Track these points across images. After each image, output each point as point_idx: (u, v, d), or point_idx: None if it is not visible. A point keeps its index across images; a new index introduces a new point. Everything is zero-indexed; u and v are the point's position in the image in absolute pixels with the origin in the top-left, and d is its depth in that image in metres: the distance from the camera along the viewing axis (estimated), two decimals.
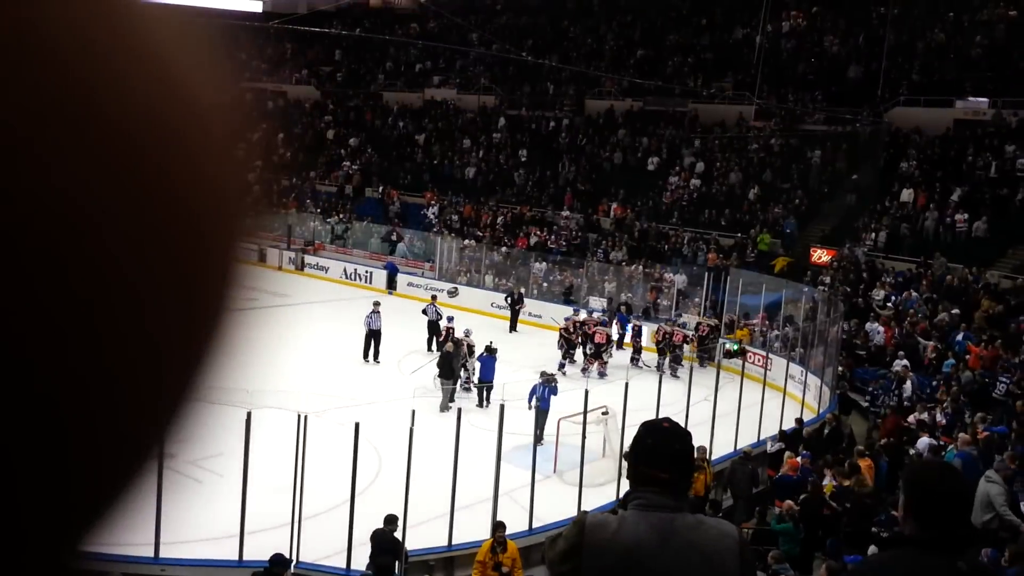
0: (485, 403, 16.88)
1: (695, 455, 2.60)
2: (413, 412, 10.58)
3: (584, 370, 20.85)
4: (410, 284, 29.72)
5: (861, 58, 31.52)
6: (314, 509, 10.68)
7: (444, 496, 11.00)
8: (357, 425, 10.04)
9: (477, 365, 18.31)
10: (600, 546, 2.41)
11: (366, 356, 20.74)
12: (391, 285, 29.96)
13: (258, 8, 44.95)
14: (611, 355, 21.42)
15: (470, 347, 18.99)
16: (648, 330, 22.73)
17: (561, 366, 20.70)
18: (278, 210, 36.66)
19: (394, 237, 32.96)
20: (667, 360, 20.93)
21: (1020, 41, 28.45)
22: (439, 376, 17.92)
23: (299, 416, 10.01)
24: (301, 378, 18.23)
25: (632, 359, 21.65)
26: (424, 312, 22.51)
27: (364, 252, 33.05)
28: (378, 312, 20.86)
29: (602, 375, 20.58)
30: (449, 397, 17.08)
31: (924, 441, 13.06)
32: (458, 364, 18.13)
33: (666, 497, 2.43)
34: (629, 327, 22.91)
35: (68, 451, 0.38)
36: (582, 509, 12.30)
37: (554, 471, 13.86)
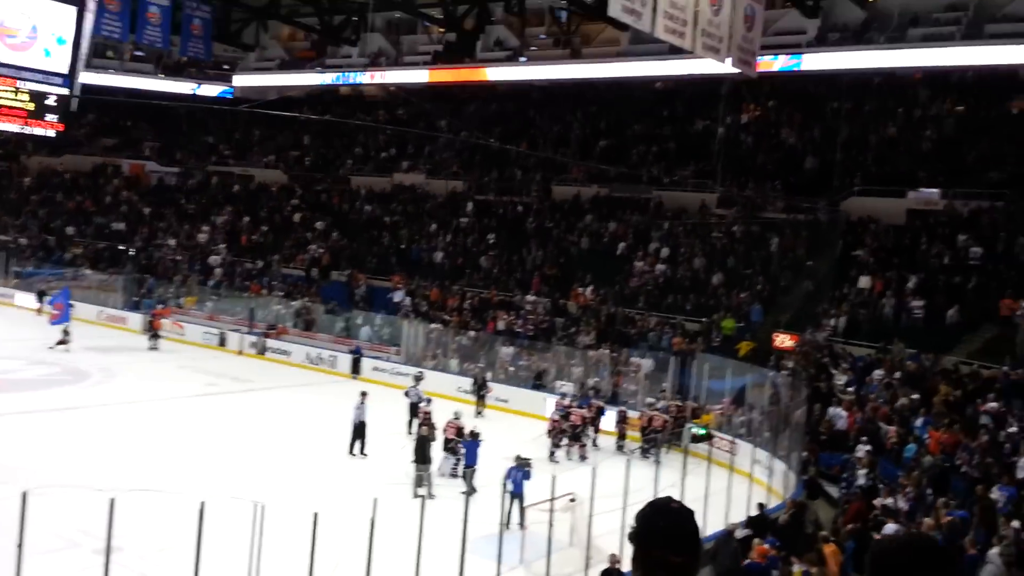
0: (471, 489, 16.41)
1: None
2: (375, 500, 10.32)
3: (562, 451, 20.97)
4: (375, 368, 29.45)
5: (817, 150, 32.48)
6: None
7: None
8: (316, 516, 9.74)
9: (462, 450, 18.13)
10: None
11: (352, 450, 19.81)
12: (356, 370, 29.67)
13: (228, 93, 45.55)
14: (589, 436, 21.50)
15: (459, 429, 18.80)
16: (623, 415, 22.80)
17: (551, 455, 20.65)
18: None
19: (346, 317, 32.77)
20: (650, 446, 21.00)
21: (968, 135, 29.58)
22: (414, 461, 17.57)
23: (255, 506, 9.71)
24: (261, 467, 17.84)
25: (619, 445, 21.99)
26: (406, 394, 22.22)
27: (328, 336, 32.78)
28: (364, 403, 20.05)
29: (583, 459, 20.48)
30: (421, 483, 16.83)
31: (891, 527, 12.98)
32: (429, 449, 17.80)
33: None
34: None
35: None
36: None
37: (520, 561, 13.53)
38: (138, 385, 24.70)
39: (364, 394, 20.47)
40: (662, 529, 2.38)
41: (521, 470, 15.65)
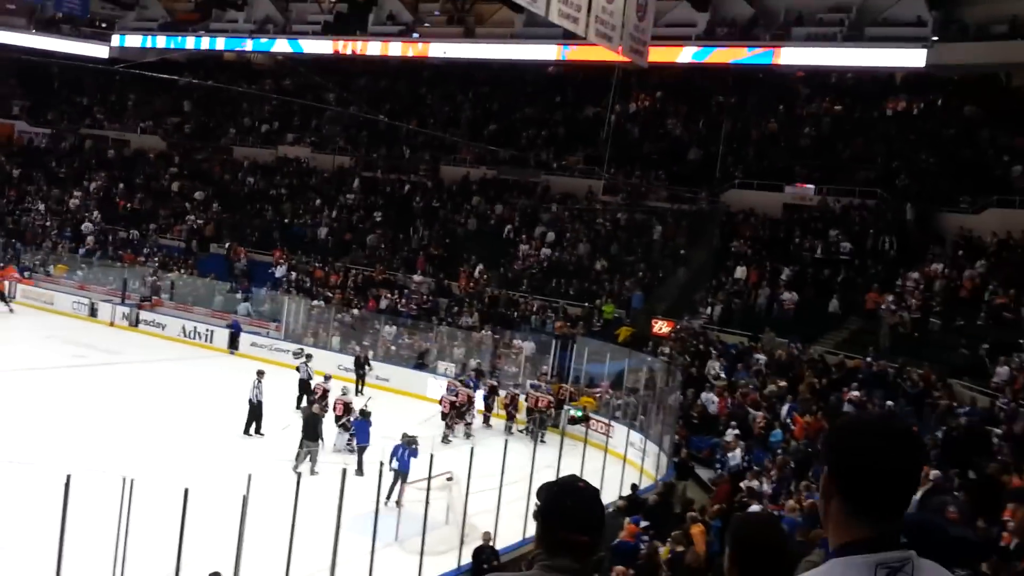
0: (359, 468, 16.28)
1: None
2: (249, 476, 10.12)
3: (447, 432, 21.03)
4: (253, 344, 28.78)
5: (701, 141, 33.47)
6: None
7: (281, 568, 10.53)
8: (186, 491, 9.51)
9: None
10: None
11: (247, 430, 19.34)
12: (233, 345, 28.91)
13: (104, 53, 43.30)
14: (473, 416, 21.75)
15: (347, 405, 18.73)
16: (503, 395, 23.03)
17: (445, 437, 20.69)
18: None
19: (239, 295, 31.91)
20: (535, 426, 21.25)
21: (843, 134, 31.06)
22: (304, 438, 17.37)
23: (124, 480, 9.40)
24: (132, 441, 17.22)
25: (507, 426, 22.20)
26: (297, 370, 21.90)
27: (206, 310, 31.79)
28: (261, 383, 19.57)
29: (468, 436, 20.74)
30: (304, 459, 16.69)
31: (755, 508, 13.62)
32: (319, 426, 17.74)
33: (576, 561, 2.32)
34: (480, 392, 23.04)
35: None
36: None
37: (395, 539, 13.56)
38: (2, 354, 23.38)
39: (261, 373, 19.99)
40: (568, 508, 2.36)
41: (407, 448, 15.70)
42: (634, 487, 16.11)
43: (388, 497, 14.67)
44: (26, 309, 31.80)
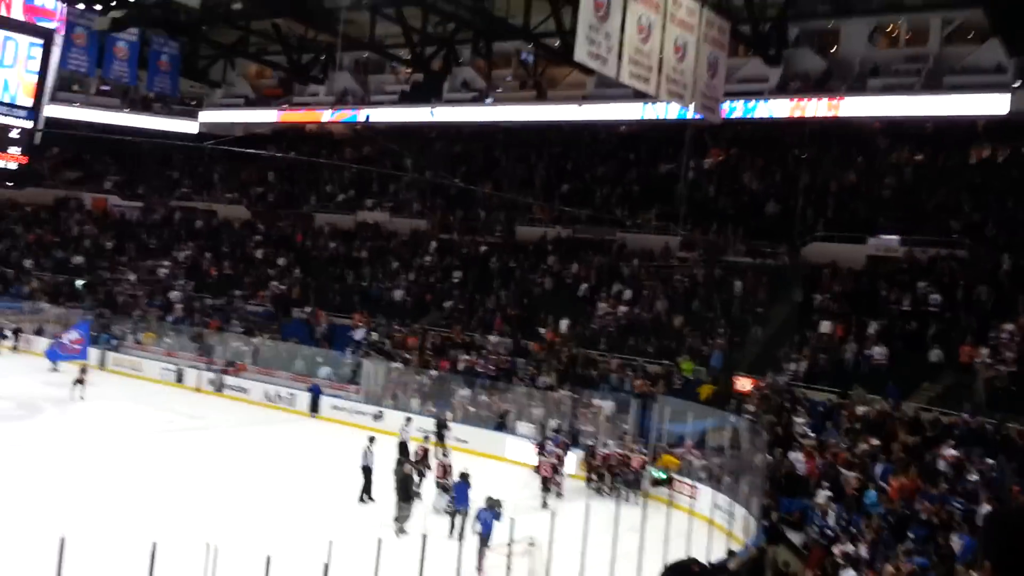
0: (459, 532, 15.97)
1: None
2: (330, 543, 10.10)
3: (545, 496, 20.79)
4: (335, 407, 29.11)
5: (779, 195, 32.99)
6: None
7: None
8: (268, 559, 9.52)
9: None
10: None
11: (363, 497, 19.33)
12: (315, 408, 29.29)
13: (193, 129, 45.25)
14: (564, 477, 21.64)
15: (447, 467, 18.89)
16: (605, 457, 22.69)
17: (544, 503, 20.24)
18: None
19: (320, 359, 32.35)
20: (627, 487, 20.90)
21: (927, 183, 30.24)
22: (399, 499, 17.58)
23: (208, 547, 9.47)
24: (219, 507, 17.44)
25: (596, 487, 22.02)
26: (362, 458, 20.00)
27: (288, 374, 32.38)
28: (372, 448, 19.68)
29: (559, 496, 20.62)
30: (405, 520, 17.06)
31: (850, 574, 13.01)
32: (412, 486, 17.97)
33: None
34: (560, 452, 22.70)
35: None
36: None
37: None
38: (93, 421, 24.13)
39: (372, 439, 20.10)
40: None
41: (492, 511, 15.58)
42: (731, 552, 15.53)
43: (480, 567, 14.50)
44: (115, 376, 32.88)
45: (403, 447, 21.71)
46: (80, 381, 27.57)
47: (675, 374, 27.32)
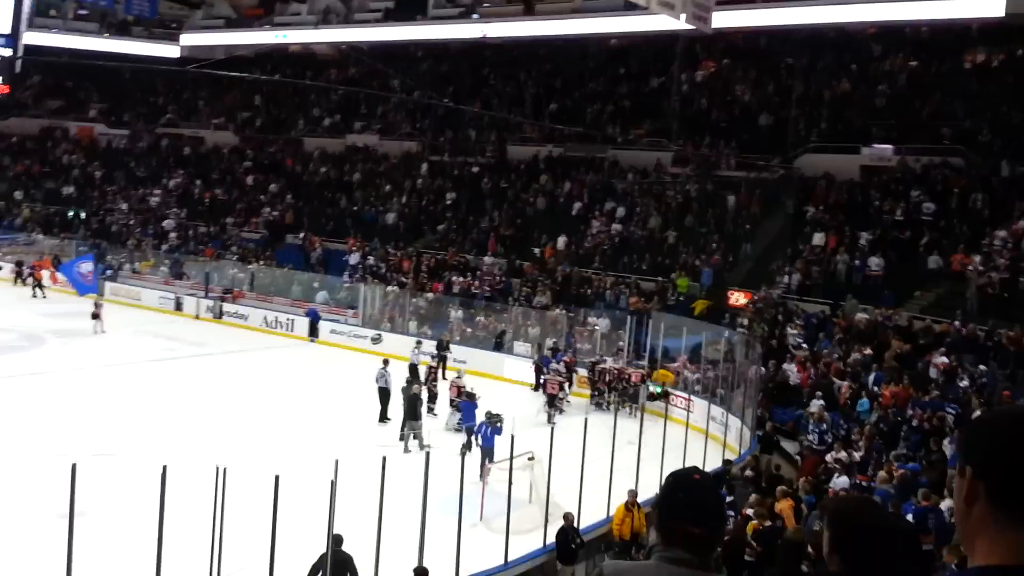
0: (466, 448, 16.53)
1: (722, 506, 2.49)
2: (336, 462, 10.34)
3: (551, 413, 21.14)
4: (333, 332, 29.34)
5: (771, 107, 32.69)
6: (236, 567, 10.32)
7: (372, 549, 10.74)
8: (277, 478, 9.75)
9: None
10: None
11: (384, 416, 19.92)
12: (313, 333, 29.53)
13: (175, 53, 44.29)
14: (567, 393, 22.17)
15: (460, 388, 19.49)
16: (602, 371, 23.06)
17: (550, 418, 20.49)
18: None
19: (316, 284, 32.49)
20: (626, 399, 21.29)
21: (921, 90, 29.94)
22: (406, 418, 18.22)
23: (217, 469, 9.69)
24: (223, 430, 17.76)
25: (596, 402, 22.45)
26: (376, 380, 20.57)
27: (285, 299, 32.52)
28: (387, 370, 20.26)
29: (561, 412, 21.04)
30: (411, 438, 17.66)
31: (842, 480, 13.37)
32: (420, 406, 18.60)
33: (692, 554, 2.34)
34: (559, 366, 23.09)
35: None
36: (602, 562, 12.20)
37: (480, 519, 13.71)
38: (95, 350, 24.34)
39: (386, 362, 20.63)
40: (683, 501, 2.39)
41: (491, 426, 16.22)
42: (727, 462, 15.93)
43: (482, 475, 15.16)
44: (115, 306, 33.00)
45: (413, 369, 22.32)
46: (96, 316, 27.28)
47: (669, 290, 27.52)
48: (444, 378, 23.56)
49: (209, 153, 44.85)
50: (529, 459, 14.58)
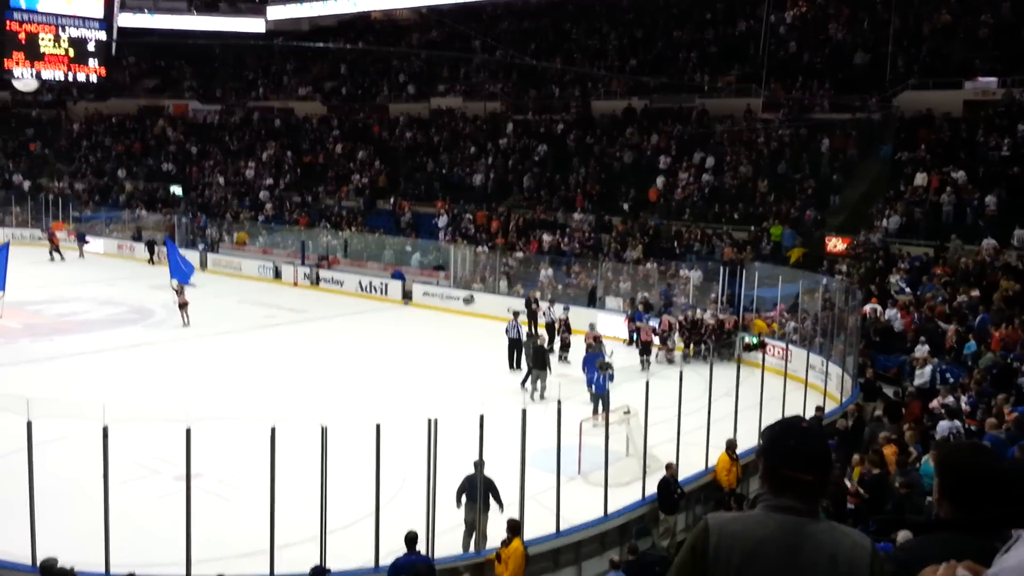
0: (594, 405, 16.92)
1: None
2: (434, 421, 10.55)
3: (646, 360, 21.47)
4: (426, 294, 29.79)
5: (867, 44, 31.35)
6: (342, 521, 10.70)
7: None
8: (378, 427, 10.05)
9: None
10: (727, 544, 2.35)
11: (512, 365, 20.98)
12: (406, 296, 30.05)
13: (260, 28, 45.20)
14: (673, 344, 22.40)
15: (597, 338, 19.79)
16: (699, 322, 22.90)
17: (644, 364, 21.09)
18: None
19: (408, 248, 32.95)
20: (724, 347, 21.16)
21: None
22: (533, 367, 18.93)
23: (321, 428, 10.03)
24: (326, 390, 18.33)
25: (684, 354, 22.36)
26: (506, 331, 21.57)
27: (378, 264, 33.16)
28: (518, 322, 21.45)
29: (670, 362, 21.37)
30: (536, 384, 18.40)
31: (944, 425, 12.93)
32: (548, 357, 19.23)
33: (800, 501, 2.36)
34: (654, 323, 22.96)
35: None
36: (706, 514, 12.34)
37: (578, 472, 13.83)
38: (201, 320, 25.36)
39: (516, 314, 21.92)
40: (792, 448, 2.39)
41: (603, 373, 16.77)
42: (819, 409, 15.64)
43: (594, 413, 15.78)
44: (217, 276, 34.28)
45: (549, 328, 22.88)
46: (183, 305, 25.55)
47: (763, 240, 26.92)
48: (536, 333, 23.73)
49: (299, 124, 45.78)
50: (625, 413, 14.59)
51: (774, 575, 2.32)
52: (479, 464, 11.26)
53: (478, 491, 11.29)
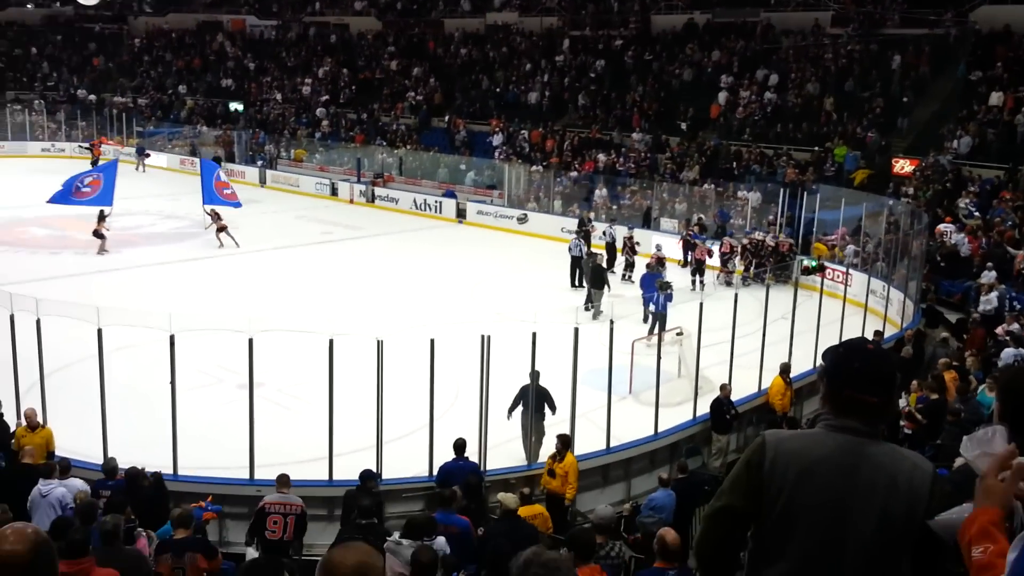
0: (652, 325, 16.83)
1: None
2: (487, 337, 10.67)
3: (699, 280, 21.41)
4: (480, 212, 29.78)
5: None
6: (397, 432, 10.97)
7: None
8: (432, 342, 10.20)
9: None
10: (784, 461, 2.35)
11: (573, 283, 21.11)
12: (460, 214, 30.08)
13: None
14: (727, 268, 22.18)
15: (661, 259, 20.01)
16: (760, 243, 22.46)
17: (696, 284, 21.03)
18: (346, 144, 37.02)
19: (463, 166, 32.81)
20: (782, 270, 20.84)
21: None
22: (591, 287, 18.98)
23: (378, 341, 10.21)
24: (382, 304, 18.61)
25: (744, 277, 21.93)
26: (569, 249, 21.85)
27: (433, 183, 33.16)
28: (580, 240, 21.77)
29: (729, 284, 20.98)
30: (591, 303, 18.45)
31: (1009, 351, 12.67)
32: (604, 275, 19.27)
33: (863, 423, 2.35)
34: (713, 246, 22.70)
35: None
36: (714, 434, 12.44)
37: (629, 392, 13.91)
38: (260, 235, 25.78)
39: (577, 232, 22.49)
40: (857, 370, 2.36)
41: (663, 293, 16.78)
42: (878, 334, 15.40)
43: (651, 333, 15.56)
44: (275, 192, 34.65)
45: (610, 247, 23.01)
46: (222, 229, 24.52)
47: (827, 160, 26.21)
48: (591, 252, 23.65)
49: (354, 40, 45.41)
50: (678, 334, 14.56)
51: (830, 493, 2.33)
52: (534, 374, 11.47)
53: (531, 399, 11.55)
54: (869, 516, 2.31)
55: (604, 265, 20.11)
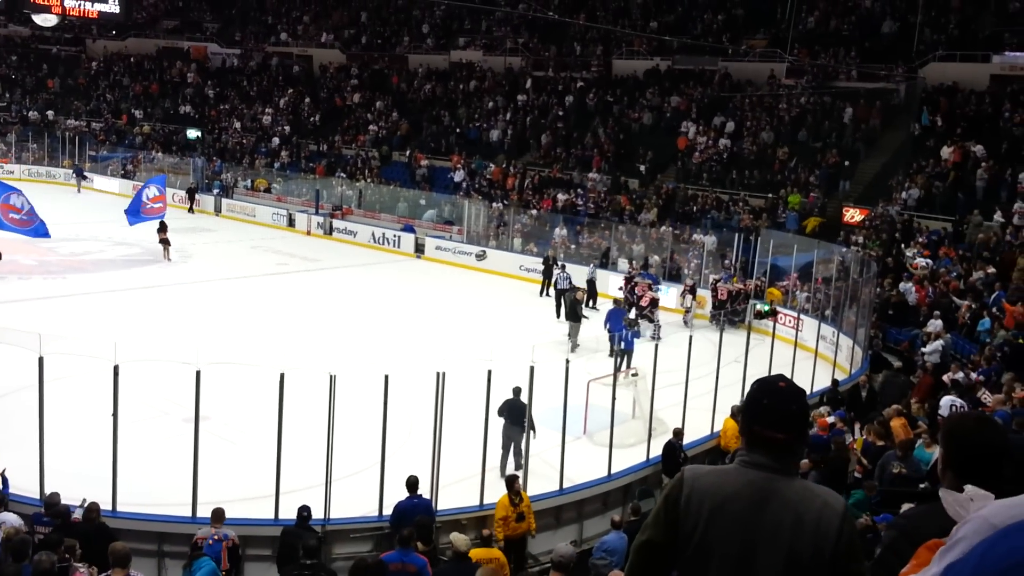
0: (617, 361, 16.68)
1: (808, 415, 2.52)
2: (443, 374, 10.58)
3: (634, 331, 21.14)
4: (438, 248, 29.74)
5: (896, 13, 30.77)
6: (347, 470, 10.78)
7: (477, 455, 11.07)
8: (387, 378, 10.08)
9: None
10: (699, 496, 2.38)
11: (558, 314, 21.50)
12: (419, 249, 30.01)
13: None
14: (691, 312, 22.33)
15: (654, 300, 20.83)
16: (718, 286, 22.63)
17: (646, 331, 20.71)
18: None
19: (423, 202, 32.82)
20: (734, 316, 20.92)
21: None
22: (568, 320, 19.48)
23: (330, 376, 10.06)
24: (335, 339, 18.40)
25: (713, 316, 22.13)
26: (555, 283, 22.99)
27: (392, 216, 33.07)
28: (566, 272, 22.72)
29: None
30: (575, 339, 18.90)
31: (947, 399, 12.87)
32: (580, 310, 19.83)
33: (773, 459, 2.37)
34: (663, 288, 22.91)
35: None
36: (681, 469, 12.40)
37: (584, 432, 13.87)
38: (214, 264, 25.42)
39: (563, 266, 23.44)
40: (765, 407, 2.39)
41: (629, 330, 17.29)
42: (835, 382, 15.59)
43: (618, 370, 15.30)
44: (230, 222, 34.29)
45: (591, 284, 23.59)
46: (165, 242, 25.57)
47: (780, 207, 26.70)
48: (548, 294, 23.67)
49: (317, 71, 45.41)
50: (633, 375, 14.60)
51: (739, 529, 2.35)
52: (517, 390, 11.91)
53: (525, 415, 11.87)
54: (776, 555, 2.32)
55: (581, 299, 20.52)
